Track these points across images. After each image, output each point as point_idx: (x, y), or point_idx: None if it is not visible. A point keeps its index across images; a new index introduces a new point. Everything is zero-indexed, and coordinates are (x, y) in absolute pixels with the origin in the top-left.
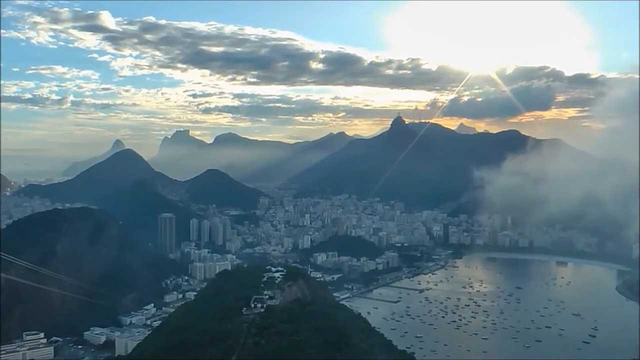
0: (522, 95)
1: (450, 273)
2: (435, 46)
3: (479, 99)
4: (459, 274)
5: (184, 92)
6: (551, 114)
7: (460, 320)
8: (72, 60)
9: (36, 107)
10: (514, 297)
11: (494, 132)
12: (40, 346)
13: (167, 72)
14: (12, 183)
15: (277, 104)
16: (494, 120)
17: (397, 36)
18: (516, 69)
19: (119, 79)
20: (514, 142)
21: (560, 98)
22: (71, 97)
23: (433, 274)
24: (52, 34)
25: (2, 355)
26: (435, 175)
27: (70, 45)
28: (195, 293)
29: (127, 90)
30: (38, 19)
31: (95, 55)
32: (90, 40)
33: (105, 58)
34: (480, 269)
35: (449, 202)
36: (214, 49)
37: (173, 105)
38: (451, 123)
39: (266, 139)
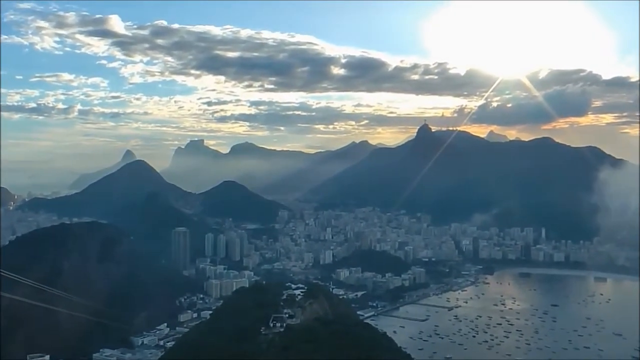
0: (556, 100)
1: (481, 290)
2: (463, 49)
3: (510, 105)
4: (490, 290)
5: (198, 99)
6: (587, 120)
7: (492, 340)
8: (79, 67)
9: (41, 117)
10: (550, 315)
11: (526, 139)
12: None
13: (179, 78)
14: (16, 197)
15: (297, 112)
16: (525, 127)
17: (423, 39)
18: (549, 73)
19: (129, 86)
20: (547, 150)
21: (597, 103)
22: (78, 106)
23: (462, 291)
24: (57, 39)
25: None
26: (464, 186)
27: (77, 51)
28: (210, 312)
29: (137, 98)
30: (42, 23)
31: (103, 61)
32: (98, 46)
33: (115, 64)
34: (512, 286)
35: (479, 214)
36: (230, 54)
37: (186, 114)
38: (480, 130)
39: (285, 149)
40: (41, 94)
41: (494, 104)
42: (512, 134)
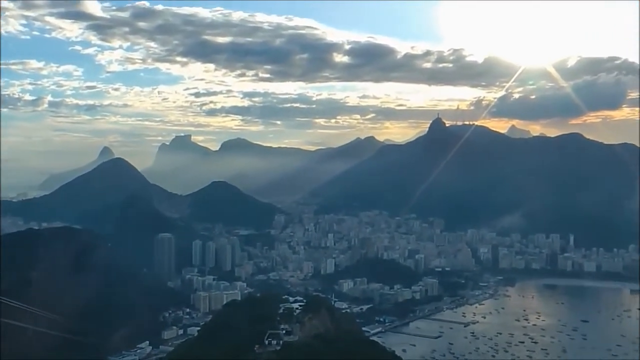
0: (587, 91)
1: (501, 303)
2: (482, 35)
3: (534, 97)
4: (511, 304)
5: (185, 90)
6: (622, 113)
7: None
8: (50, 54)
9: (6, 109)
10: (579, 332)
11: (553, 135)
12: None
13: (164, 66)
14: None
15: (295, 104)
16: (551, 122)
17: (437, 23)
18: (579, 61)
19: (107, 75)
20: (576, 148)
21: (633, 94)
22: (49, 98)
23: (480, 305)
24: (24, 22)
25: None
26: (482, 187)
27: (47, 36)
28: (198, 328)
29: (116, 89)
30: (6, 4)
31: (77, 47)
32: (71, 30)
33: (90, 51)
34: (537, 299)
35: (499, 218)
36: (220, 39)
37: (171, 106)
38: (500, 125)
39: (282, 146)
40: (6, 84)
41: (516, 96)
42: (536, 129)
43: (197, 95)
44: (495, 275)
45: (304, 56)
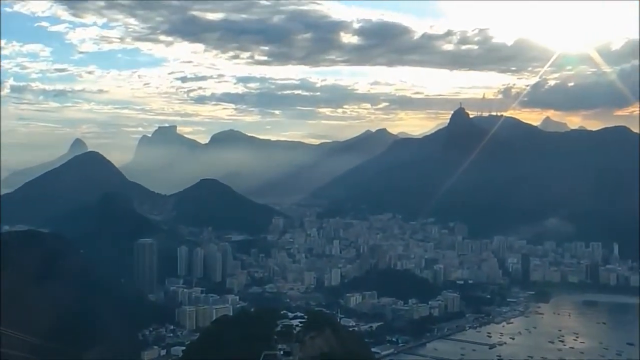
0: (635, 78)
1: (533, 322)
2: (512, 12)
3: (572, 84)
4: (544, 323)
5: (169, 74)
6: None
7: None
8: (12, 31)
9: None
10: (624, 356)
11: (594, 128)
12: None
13: (145, 47)
14: None
15: (296, 91)
16: (593, 113)
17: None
18: (627, 43)
19: (79, 56)
20: (622, 143)
21: None
22: (11, 81)
23: (508, 323)
24: None
25: None
26: (512, 189)
27: (8, 10)
28: (183, 348)
29: (90, 72)
30: None
31: (44, 23)
32: (37, 4)
33: (60, 28)
34: (574, 317)
35: (530, 224)
36: (210, 16)
37: (154, 93)
38: (533, 117)
39: (281, 139)
40: None
41: (551, 83)
42: (574, 121)
43: (183, 80)
44: (526, 289)
45: (306, 36)
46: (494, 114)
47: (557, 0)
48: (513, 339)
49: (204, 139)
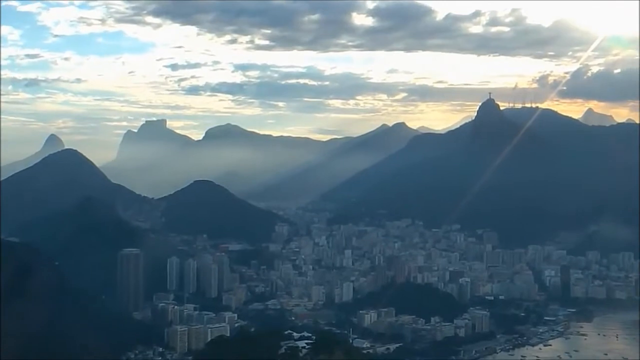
0: None
1: (574, 344)
2: None
3: (618, 71)
4: (587, 345)
5: (158, 61)
6: None
7: None
8: None
9: None
10: None
11: None
12: None
13: (130, 29)
14: None
15: (302, 80)
16: None
17: None
18: None
19: (54, 40)
20: None
21: None
22: None
23: (545, 345)
24: None
25: None
26: (549, 191)
27: None
28: None
29: (66, 59)
30: None
31: (13, 2)
32: None
33: (31, 8)
34: (622, 339)
35: (571, 231)
36: None
37: (140, 82)
38: (573, 109)
39: (285, 134)
40: None
41: (595, 70)
42: (621, 113)
43: (173, 67)
44: (566, 306)
45: (314, 17)
46: (528, 105)
47: None
48: None
49: (197, 135)
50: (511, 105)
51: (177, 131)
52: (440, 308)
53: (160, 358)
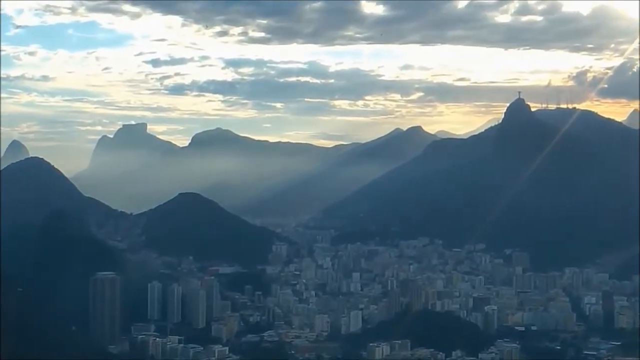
0: None
1: None
2: None
3: None
4: None
5: (137, 56)
6: None
7: None
8: None
9: None
10: None
11: None
12: None
13: (104, 19)
14: None
15: (303, 78)
16: None
17: None
18: None
19: (16, 32)
20: None
21: None
22: None
23: None
24: None
25: None
26: (588, 205)
27: None
28: None
29: (31, 53)
30: None
31: None
32: None
33: None
34: None
35: (614, 252)
36: None
37: (116, 80)
38: (616, 110)
39: (283, 140)
40: None
41: None
42: None
43: (155, 63)
44: (609, 338)
45: (316, 5)
46: (564, 106)
47: None
48: None
49: (182, 141)
50: (544, 106)
51: (160, 136)
52: (463, 340)
53: None
